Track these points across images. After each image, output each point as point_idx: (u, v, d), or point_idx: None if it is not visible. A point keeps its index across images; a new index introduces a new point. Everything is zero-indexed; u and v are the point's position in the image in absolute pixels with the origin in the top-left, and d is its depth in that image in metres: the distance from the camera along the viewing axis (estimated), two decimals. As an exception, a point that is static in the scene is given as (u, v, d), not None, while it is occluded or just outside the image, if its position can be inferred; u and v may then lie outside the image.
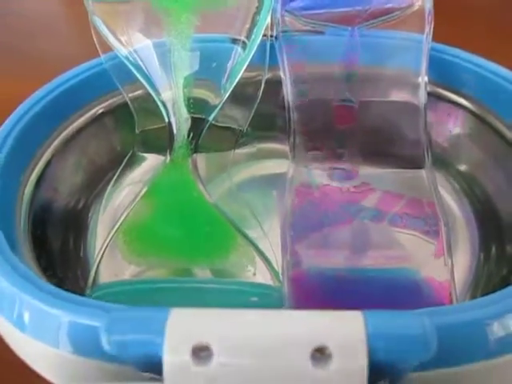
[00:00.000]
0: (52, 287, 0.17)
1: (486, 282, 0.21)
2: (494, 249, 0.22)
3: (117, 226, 0.22)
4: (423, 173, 0.22)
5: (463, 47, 0.24)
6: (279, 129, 0.26)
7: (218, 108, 0.23)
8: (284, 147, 0.25)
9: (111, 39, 0.23)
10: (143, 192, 0.22)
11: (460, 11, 0.42)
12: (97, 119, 0.25)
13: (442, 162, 0.25)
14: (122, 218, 0.22)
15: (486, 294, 0.20)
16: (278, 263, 0.22)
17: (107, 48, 0.24)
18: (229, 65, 0.23)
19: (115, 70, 0.24)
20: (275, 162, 0.27)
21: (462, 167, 0.25)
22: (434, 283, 0.20)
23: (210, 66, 0.23)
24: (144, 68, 0.23)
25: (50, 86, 0.24)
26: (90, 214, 0.25)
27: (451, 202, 0.25)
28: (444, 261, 0.20)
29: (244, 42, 0.23)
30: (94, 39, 0.24)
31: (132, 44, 0.23)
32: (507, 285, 0.18)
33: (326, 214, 0.22)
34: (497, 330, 0.15)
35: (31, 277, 0.17)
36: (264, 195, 0.26)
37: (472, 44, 0.25)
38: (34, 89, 0.23)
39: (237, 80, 0.23)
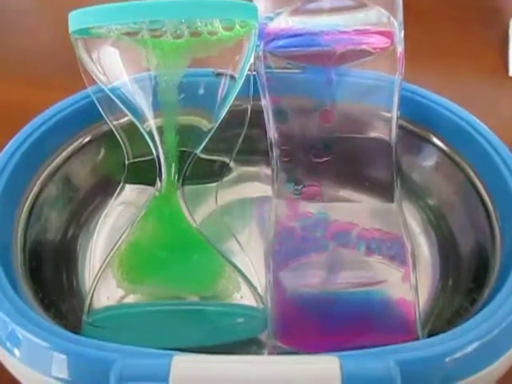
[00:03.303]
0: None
1: (440, 309, 0.23)
2: (450, 281, 0.24)
3: (110, 256, 0.23)
4: (392, 206, 0.24)
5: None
6: (262, 153, 0.27)
7: (207, 137, 0.24)
8: (266, 171, 0.27)
9: (96, 73, 0.24)
10: (134, 224, 0.24)
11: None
12: (83, 147, 0.26)
13: (413, 194, 0.27)
14: (115, 249, 0.23)
15: (441, 320, 0.22)
16: (258, 279, 0.24)
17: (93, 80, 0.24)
18: (219, 93, 0.24)
19: (103, 101, 0.25)
20: (257, 185, 0.28)
21: (431, 201, 0.27)
22: (401, 304, 0.22)
23: (200, 95, 0.24)
24: (130, 101, 0.24)
25: (35, 123, 0.24)
26: (78, 245, 0.26)
27: (419, 232, 0.26)
28: (410, 285, 0.22)
29: (232, 76, 0.24)
30: (81, 72, 0.24)
31: (117, 78, 0.23)
32: (458, 317, 0.21)
33: (305, 244, 0.24)
34: (454, 364, 0.17)
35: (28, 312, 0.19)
36: (245, 216, 0.27)
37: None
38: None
39: (228, 106, 0.24)
